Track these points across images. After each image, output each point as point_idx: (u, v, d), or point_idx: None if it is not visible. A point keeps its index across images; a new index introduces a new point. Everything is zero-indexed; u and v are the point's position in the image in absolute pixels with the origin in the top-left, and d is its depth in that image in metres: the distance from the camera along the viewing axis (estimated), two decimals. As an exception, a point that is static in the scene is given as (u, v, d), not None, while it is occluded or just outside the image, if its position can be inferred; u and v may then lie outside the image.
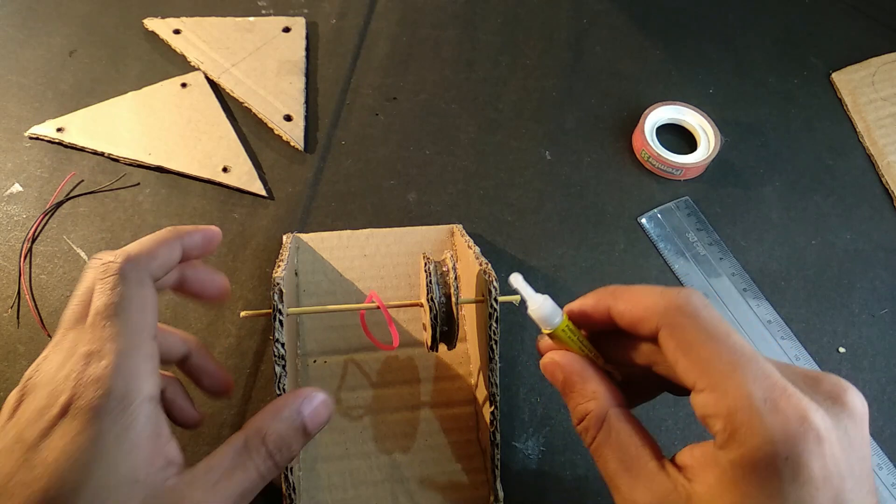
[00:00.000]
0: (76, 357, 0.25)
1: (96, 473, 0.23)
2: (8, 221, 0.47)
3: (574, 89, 0.55)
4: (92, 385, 0.24)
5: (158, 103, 0.52)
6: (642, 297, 0.26)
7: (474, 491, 0.37)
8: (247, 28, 0.57)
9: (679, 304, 0.24)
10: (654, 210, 0.49)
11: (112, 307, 0.26)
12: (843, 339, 0.44)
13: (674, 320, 0.24)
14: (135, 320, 0.26)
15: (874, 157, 0.52)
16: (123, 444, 0.24)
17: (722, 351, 0.23)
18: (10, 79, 0.53)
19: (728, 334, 0.24)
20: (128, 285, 0.27)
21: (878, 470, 0.40)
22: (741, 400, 0.22)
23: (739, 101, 0.55)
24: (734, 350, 0.23)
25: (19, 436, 0.24)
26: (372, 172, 0.50)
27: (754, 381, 0.22)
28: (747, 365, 0.23)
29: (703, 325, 0.24)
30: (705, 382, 0.23)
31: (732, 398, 0.22)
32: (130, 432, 0.24)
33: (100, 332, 0.26)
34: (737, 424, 0.22)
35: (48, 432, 0.24)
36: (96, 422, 0.24)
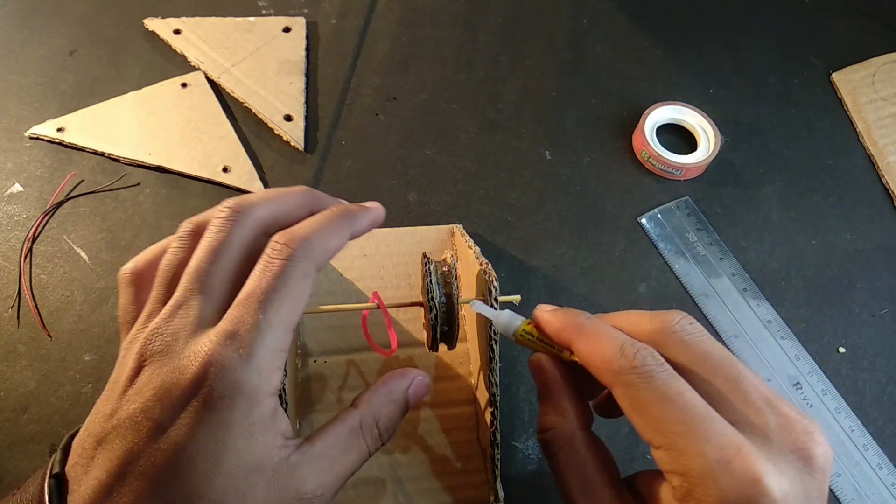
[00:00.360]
0: (214, 334, 0.24)
1: (226, 462, 0.24)
2: (8, 221, 0.47)
3: (574, 89, 0.55)
4: (227, 374, 0.24)
5: (159, 103, 0.52)
6: (601, 345, 0.26)
7: (474, 491, 0.37)
8: (247, 28, 0.57)
9: (634, 365, 0.24)
10: (655, 210, 0.49)
11: (271, 295, 0.25)
12: (843, 339, 0.44)
13: (627, 379, 0.24)
14: (286, 315, 0.25)
15: (874, 157, 0.52)
16: (250, 436, 0.24)
17: (674, 411, 0.23)
18: (10, 78, 0.53)
19: (680, 393, 0.23)
20: (293, 278, 0.26)
21: (879, 470, 0.40)
22: (695, 459, 0.22)
23: (739, 102, 0.55)
24: (686, 410, 0.23)
25: (146, 411, 0.24)
26: (372, 172, 0.50)
27: (706, 442, 0.22)
28: (700, 425, 0.23)
29: (655, 385, 0.24)
30: (660, 441, 0.23)
31: (687, 457, 0.22)
32: (256, 424, 0.24)
33: (249, 317, 0.25)
34: (692, 484, 0.22)
35: (176, 414, 0.24)
36: (226, 413, 0.24)
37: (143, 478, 0.23)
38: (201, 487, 0.23)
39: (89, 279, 0.45)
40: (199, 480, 0.23)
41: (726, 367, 0.24)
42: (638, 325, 0.27)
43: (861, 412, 0.42)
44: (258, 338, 0.25)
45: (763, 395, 0.24)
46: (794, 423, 0.23)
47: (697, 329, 0.26)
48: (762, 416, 0.23)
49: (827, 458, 0.23)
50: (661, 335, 0.26)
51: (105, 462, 0.24)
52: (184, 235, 0.28)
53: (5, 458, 0.38)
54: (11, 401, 0.40)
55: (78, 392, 0.40)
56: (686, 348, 0.25)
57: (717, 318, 0.45)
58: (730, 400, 0.24)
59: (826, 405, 0.42)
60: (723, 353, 0.25)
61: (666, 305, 0.45)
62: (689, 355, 0.25)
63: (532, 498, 0.39)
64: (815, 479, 0.23)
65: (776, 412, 0.23)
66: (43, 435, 0.39)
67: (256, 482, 0.24)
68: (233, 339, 0.24)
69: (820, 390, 0.42)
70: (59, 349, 0.42)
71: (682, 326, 0.26)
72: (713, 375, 0.24)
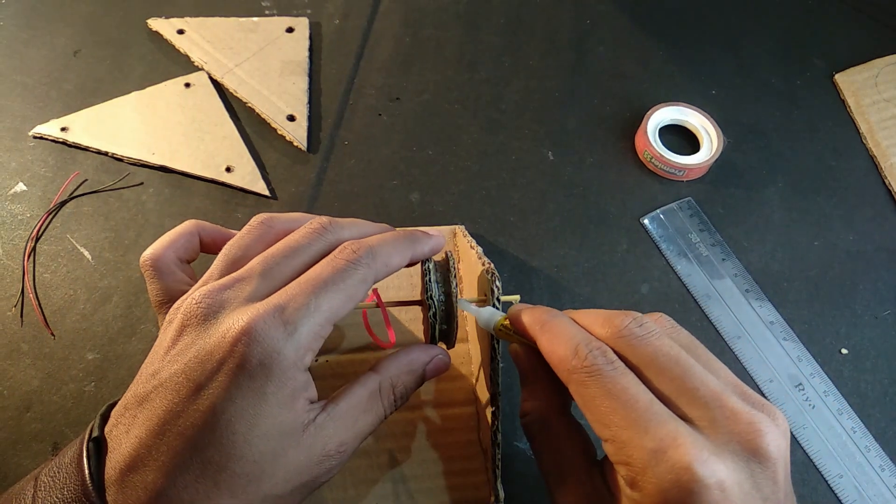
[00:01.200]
0: (263, 305, 0.26)
1: (262, 426, 0.25)
2: (12, 220, 0.47)
3: (576, 90, 0.55)
4: (268, 343, 0.25)
5: (162, 103, 0.52)
6: (559, 344, 0.27)
7: (475, 491, 0.37)
8: (250, 28, 0.57)
9: (585, 364, 0.26)
10: (657, 211, 0.49)
11: (328, 285, 0.27)
12: (845, 341, 0.44)
13: (578, 378, 0.26)
14: (335, 306, 0.27)
15: (877, 158, 0.52)
16: (284, 404, 0.26)
17: (618, 406, 0.24)
18: (14, 78, 0.53)
19: (625, 389, 0.25)
20: (351, 278, 0.28)
21: (881, 471, 0.40)
22: (636, 450, 0.23)
23: (742, 102, 0.55)
24: (629, 405, 0.24)
25: (187, 372, 0.25)
26: (375, 173, 0.50)
27: (646, 433, 0.23)
28: (640, 418, 0.24)
29: (602, 382, 0.25)
30: (607, 434, 0.25)
31: (630, 448, 0.24)
32: (290, 394, 0.26)
33: (302, 297, 0.26)
34: (634, 473, 0.23)
35: (215, 376, 0.25)
36: (263, 382, 0.25)
37: (181, 437, 0.24)
38: (239, 448, 0.25)
39: (92, 278, 0.45)
40: (236, 441, 0.25)
41: (672, 366, 0.25)
42: (592, 328, 0.28)
43: (863, 413, 0.42)
44: (305, 317, 0.26)
45: (710, 390, 0.25)
46: (739, 415, 0.24)
47: (647, 330, 0.26)
48: (707, 411, 0.24)
49: (778, 449, 0.24)
50: (611, 340, 0.27)
51: (146, 421, 0.25)
52: (256, 226, 0.30)
53: (8, 457, 0.38)
54: (14, 399, 0.40)
55: (81, 391, 0.41)
56: (634, 351, 0.26)
57: (720, 319, 0.45)
58: (677, 397, 0.25)
59: (828, 406, 0.42)
60: (671, 352, 0.26)
61: (668, 307, 0.45)
62: (637, 357, 0.26)
63: (533, 498, 0.39)
64: (765, 469, 0.23)
65: (721, 406, 0.24)
66: (46, 433, 0.39)
67: (289, 444, 0.26)
68: (281, 313, 0.26)
69: (822, 391, 0.42)
70: (62, 348, 0.42)
71: (630, 330, 0.26)
72: (660, 375, 0.25)
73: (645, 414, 0.24)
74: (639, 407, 0.24)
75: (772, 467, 0.23)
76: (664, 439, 0.23)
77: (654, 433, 0.23)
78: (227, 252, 0.29)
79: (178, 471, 0.24)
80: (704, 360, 0.27)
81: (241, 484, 0.25)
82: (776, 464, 0.23)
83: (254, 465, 0.25)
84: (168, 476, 0.24)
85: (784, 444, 0.24)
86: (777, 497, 0.23)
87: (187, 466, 0.24)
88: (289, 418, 0.26)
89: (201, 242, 0.34)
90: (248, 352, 0.25)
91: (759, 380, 0.43)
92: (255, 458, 0.25)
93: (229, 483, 0.25)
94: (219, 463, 0.25)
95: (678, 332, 0.28)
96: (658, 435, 0.23)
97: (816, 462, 0.40)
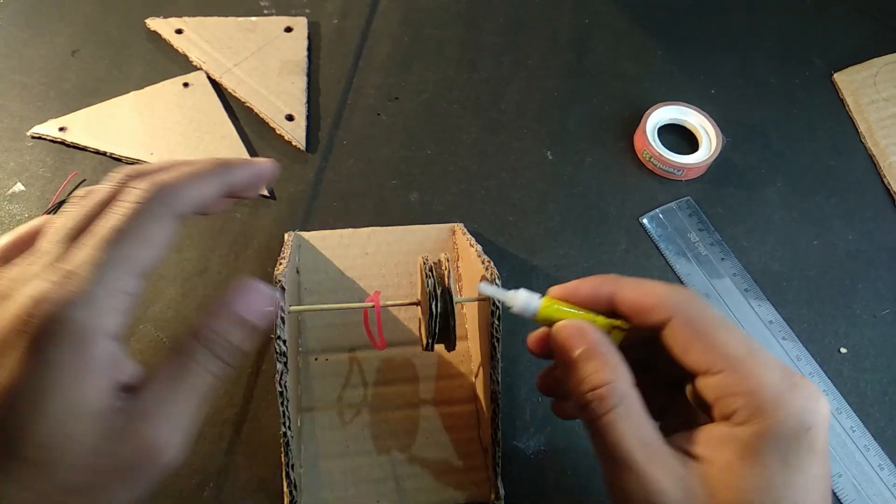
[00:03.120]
0: (52, 272, 0.23)
1: (51, 404, 0.22)
2: (10, 221, 0.47)
3: (576, 90, 0.55)
4: (55, 310, 0.22)
5: (161, 103, 0.52)
6: (651, 287, 0.28)
7: (475, 489, 0.37)
8: (249, 28, 0.57)
9: (690, 296, 0.27)
10: (656, 210, 0.49)
11: (115, 234, 0.24)
12: (844, 340, 0.44)
13: (688, 308, 0.26)
14: (132, 256, 0.24)
15: (876, 157, 0.52)
16: (80, 377, 0.23)
17: (736, 338, 0.25)
18: (13, 78, 0.53)
19: (736, 327, 0.26)
20: (143, 219, 0.24)
21: (880, 470, 0.40)
22: (762, 378, 0.24)
23: (741, 102, 0.55)
24: (745, 338, 0.25)
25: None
26: (374, 172, 0.50)
27: (770, 364, 0.25)
28: (760, 350, 0.25)
29: (714, 314, 0.26)
30: (722, 365, 0.25)
31: (755, 377, 0.24)
32: (88, 365, 0.23)
33: (88, 254, 0.23)
34: (760, 400, 0.24)
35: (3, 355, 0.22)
36: (52, 352, 0.22)
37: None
38: (26, 430, 0.22)
39: (91, 278, 0.45)
40: (22, 423, 0.22)
41: (747, 334, 0.27)
42: (660, 289, 0.28)
43: (862, 413, 0.42)
44: (95, 274, 0.23)
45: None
46: (799, 380, 0.26)
47: (713, 307, 0.28)
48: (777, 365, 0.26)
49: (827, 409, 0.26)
50: (685, 302, 0.27)
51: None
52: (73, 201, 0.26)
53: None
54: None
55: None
56: (711, 314, 0.27)
57: (719, 319, 0.45)
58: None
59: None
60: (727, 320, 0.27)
61: (667, 305, 0.45)
62: (715, 320, 0.26)
63: (533, 497, 0.39)
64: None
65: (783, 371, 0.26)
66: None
67: (88, 426, 0.23)
68: (68, 277, 0.23)
69: (821, 391, 0.42)
70: (60, 348, 0.42)
71: (702, 299, 0.27)
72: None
73: (762, 349, 0.25)
74: (755, 342, 0.25)
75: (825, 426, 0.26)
76: (787, 370, 0.25)
77: (777, 364, 0.25)
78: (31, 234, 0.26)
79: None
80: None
81: (31, 473, 0.22)
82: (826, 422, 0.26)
83: (42, 450, 0.22)
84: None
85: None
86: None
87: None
88: (88, 396, 0.23)
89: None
90: (33, 324, 0.22)
91: (758, 379, 0.43)
92: (43, 442, 0.22)
93: (18, 471, 0.22)
94: (2, 450, 0.22)
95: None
96: (781, 367, 0.25)
97: (816, 461, 0.40)
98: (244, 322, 0.26)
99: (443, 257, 0.34)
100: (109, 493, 0.24)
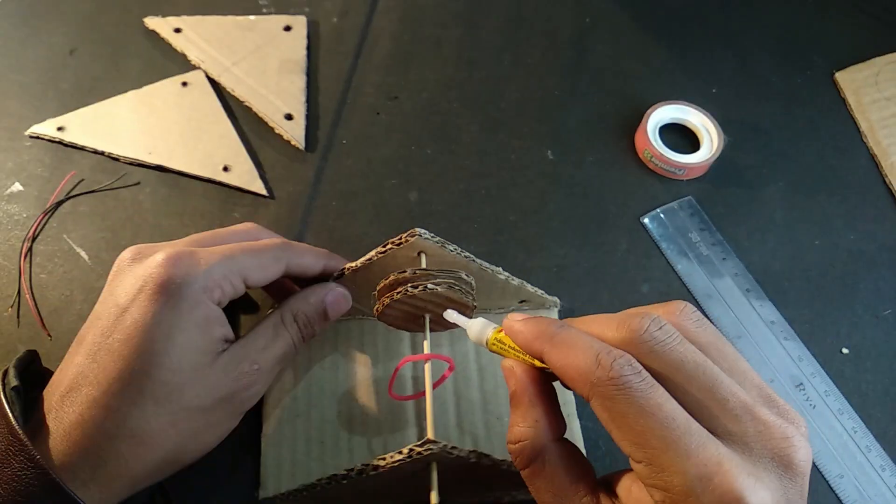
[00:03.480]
0: (183, 245, 0.32)
1: (179, 338, 0.29)
2: (8, 221, 0.46)
3: (576, 88, 0.55)
4: (183, 267, 0.30)
5: (159, 102, 0.52)
6: (576, 356, 0.25)
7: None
8: (248, 27, 0.56)
9: (611, 376, 0.23)
10: (657, 210, 0.49)
11: (243, 249, 0.33)
12: (846, 340, 0.44)
13: (605, 392, 0.23)
14: (246, 265, 0.33)
15: (878, 156, 0.52)
16: (198, 324, 0.30)
17: (654, 425, 0.22)
18: (10, 77, 0.53)
19: (660, 406, 0.23)
20: (267, 253, 0.34)
21: (882, 472, 0.40)
22: (677, 476, 0.22)
23: (742, 101, 0.55)
24: (666, 424, 0.22)
25: (115, 300, 0.30)
26: (373, 172, 0.50)
27: (688, 458, 0.22)
28: (681, 440, 0.22)
29: (634, 397, 0.23)
30: (640, 456, 0.23)
31: (669, 474, 0.22)
32: (204, 317, 0.30)
33: (220, 249, 0.32)
34: (672, 500, 0.22)
35: (136, 297, 0.29)
36: (179, 300, 0.29)
37: (109, 352, 0.28)
38: (159, 357, 0.28)
39: (89, 279, 0.44)
40: (156, 350, 0.28)
41: (700, 374, 0.24)
42: (604, 335, 0.25)
43: (864, 413, 0.41)
44: (218, 261, 0.31)
45: (741, 401, 0.24)
46: (772, 429, 0.23)
47: (668, 334, 0.25)
48: (740, 424, 0.23)
49: (807, 462, 0.23)
50: (630, 345, 0.24)
51: (82, 350, 0.29)
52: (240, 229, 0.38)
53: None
54: (11, 401, 0.40)
55: (78, 392, 0.40)
56: (658, 358, 0.24)
57: (720, 319, 0.44)
58: (707, 409, 0.23)
59: (829, 406, 0.41)
60: (696, 359, 0.24)
61: (668, 306, 0.45)
62: (661, 365, 0.24)
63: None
64: (795, 484, 0.23)
65: (754, 419, 0.23)
66: (43, 435, 0.39)
67: (205, 361, 0.30)
68: (196, 254, 0.31)
69: (823, 391, 0.42)
70: (59, 349, 0.42)
71: (651, 335, 0.24)
72: (688, 384, 0.24)
73: (685, 435, 0.22)
74: (677, 427, 0.22)
75: (800, 482, 0.23)
76: (708, 464, 0.22)
77: (696, 458, 0.22)
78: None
79: (107, 381, 0.28)
80: (732, 361, 0.25)
81: (163, 392, 0.28)
82: (804, 478, 0.23)
83: (173, 373, 0.29)
84: (99, 387, 0.28)
85: (810, 455, 0.24)
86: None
87: (115, 376, 0.28)
88: (204, 339, 0.30)
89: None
90: (164, 273, 0.29)
91: (759, 380, 0.42)
92: (174, 368, 0.29)
93: (153, 390, 0.28)
94: (142, 370, 0.28)
95: (704, 327, 0.26)
96: (701, 459, 0.22)
97: (817, 462, 0.40)
98: (326, 315, 0.36)
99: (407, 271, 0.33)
100: (216, 415, 0.31)
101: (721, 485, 0.21)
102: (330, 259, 0.37)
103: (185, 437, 0.30)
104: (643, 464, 0.23)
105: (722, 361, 0.25)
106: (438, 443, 0.29)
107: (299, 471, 0.37)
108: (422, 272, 0.33)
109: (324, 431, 0.38)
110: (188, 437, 0.30)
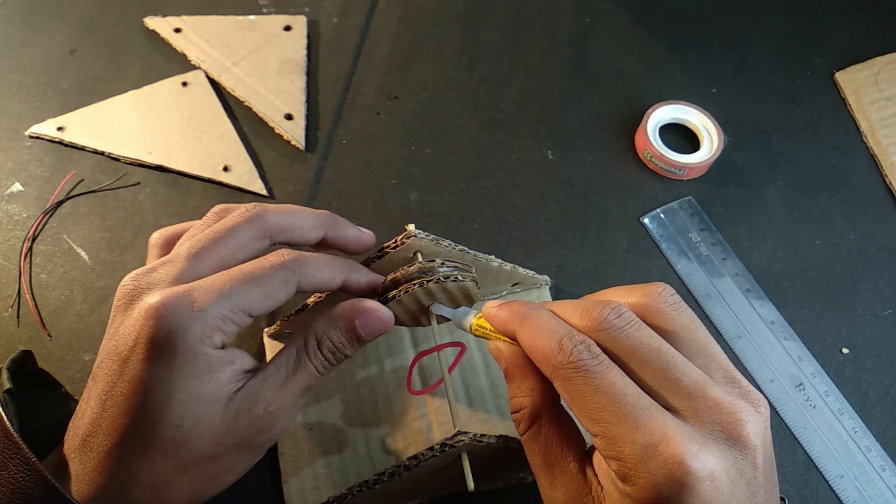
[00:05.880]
0: (180, 286, 0.28)
1: (178, 394, 0.27)
2: (8, 221, 0.46)
3: (576, 88, 0.55)
4: (174, 318, 0.27)
5: (159, 102, 0.52)
6: (541, 339, 0.27)
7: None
8: (248, 27, 0.56)
9: (570, 360, 0.26)
10: (657, 210, 0.49)
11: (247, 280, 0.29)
12: (846, 340, 0.44)
13: (564, 374, 0.26)
14: (249, 299, 0.29)
15: (878, 157, 0.52)
16: (198, 375, 0.28)
17: (607, 401, 0.24)
18: (10, 77, 0.53)
19: (612, 384, 0.25)
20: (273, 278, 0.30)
21: (882, 472, 0.40)
22: (627, 446, 0.24)
23: (743, 101, 0.55)
24: (617, 400, 0.24)
25: (116, 349, 0.28)
26: (373, 172, 0.50)
27: (636, 429, 0.24)
28: (630, 413, 0.24)
29: (589, 378, 0.25)
30: (596, 430, 0.25)
31: (620, 444, 0.24)
32: (204, 366, 0.28)
33: (217, 284, 0.29)
34: (627, 469, 0.24)
35: (133, 350, 0.28)
36: (170, 355, 0.27)
37: (116, 405, 0.28)
38: (160, 414, 0.27)
39: (89, 279, 0.44)
40: (156, 408, 0.27)
41: (654, 357, 0.26)
42: (571, 320, 0.28)
43: (864, 413, 0.41)
44: (215, 301, 0.28)
45: (693, 381, 0.25)
46: (721, 404, 0.25)
47: (626, 321, 0.26)
48: (691, 401, 0.25)
49: (757, 434, 0.24)
50: (591, 332, 0.27)
51: (95, 394, 0.29)
52: (209, 217, 0.32)
53: (5, 459, 0.38)
54: (11, 401, 0.40)
55: (78, 392, 0.40)
56: (615, 343, 0.26)
57: (720, 319, 0.44)
58: (661, 387, 0.25)
59: (829, 406, 0.41)
60: (651, 343, 0.26)
61: (668, 306, 0.45)
62: (618, 349, 0.26)
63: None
64: (746, 456, 0.24)
65: (704, 396, 0.25)
66: (42, 435, 0.39)
67: (212, 410, 0.28)
68: (191, 294, 0.28)
69: (823, 391, 0.42)
70: (58, 349, 0.42)
71: (610, 322, 0.26)
72: (643, 366, 0.26)
73: (634, 409, 0.24)
74: (627, 402, 0.24)
75: (751, 454, 0.24)
76: (654, 434, 0.23)
77: (644, 428, 0.24)
78: (173, 242, 0.33)
79: (117, 434, 0.28)
80: (702, 344, 0.27)
81: (170, 446, 0.28)
82: (755, 450, 0.24)
83: (176, 429, 0.28)
84: (110, 438, 0.28)
85: (763, 430, 0.25)
86: (758, 481, 0.24)
87: (123, 431, 0.28)
88: (207, 389, 0.28)
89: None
90: (154, 327, 0.27)
91: (759, 380, 0.42)
92: (176, 423, 0.27)
93: (159, 445, 0.28)
94: (146, 427, 0.27)
95: (679, 310, 0.28)
96: (648, 430, 0.24)
97: (817, 462, 0.40)
98: (359, 338, 0.31)
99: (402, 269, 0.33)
100: (231, 460, 0.30)
101: (665, 451, 0.23)
102: (351, 271, 0.33)
103: (200, 483, 0.29)
104: (599, 437, 0.25)
105: (691, 344, 0.27)
106: (468, 433, 0.30)
107: (322, 484, 0.37)
108: (427, 265, 0.33)
109: (339, 440, 0.38)
110: (204, 482, 0.29)
